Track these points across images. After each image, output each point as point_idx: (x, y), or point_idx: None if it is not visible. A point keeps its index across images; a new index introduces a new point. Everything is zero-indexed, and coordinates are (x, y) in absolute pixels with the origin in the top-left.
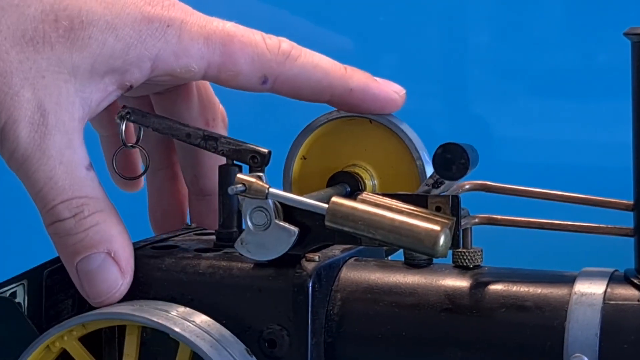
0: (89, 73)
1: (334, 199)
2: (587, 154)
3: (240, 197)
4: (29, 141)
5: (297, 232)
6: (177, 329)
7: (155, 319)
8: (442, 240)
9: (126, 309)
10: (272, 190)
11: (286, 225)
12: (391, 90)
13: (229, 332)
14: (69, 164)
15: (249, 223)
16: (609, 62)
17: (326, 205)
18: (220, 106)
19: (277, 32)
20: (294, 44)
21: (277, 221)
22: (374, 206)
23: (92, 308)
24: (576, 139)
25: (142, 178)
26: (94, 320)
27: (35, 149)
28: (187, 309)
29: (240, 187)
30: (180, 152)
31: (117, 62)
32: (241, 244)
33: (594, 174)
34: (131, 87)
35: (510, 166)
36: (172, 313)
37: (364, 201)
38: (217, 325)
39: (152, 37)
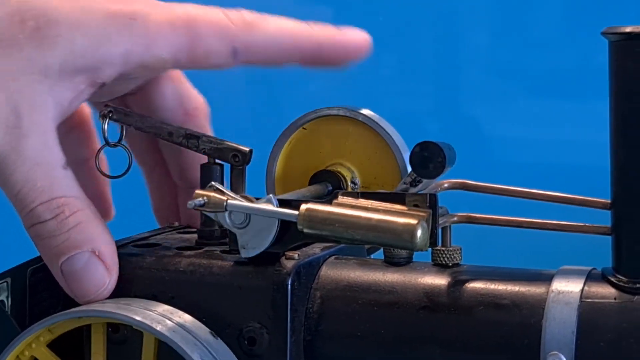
0: (60, 72)
1: (308, 205)
2: (581, 154)
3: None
4: (4, 144)
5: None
6: (139, 319)
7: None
8: (419, 232)
9: (90, 306)
10: (230, 202)
11: None
12: (358, 37)
13: (207, 329)
14: (46, 164)
15: (230, 226)
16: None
17: (295, 212)
18: (200, 97)
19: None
20: (255, 12)
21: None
22: (350, 208)
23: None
24: (571, 139)
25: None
26: (57, 322)
27: (10, 151)
28: (169, 307)
29: (199, 200)
30: (164, 148)
31: (87, 60)
32: (244, 249)
33: (586, 173)
34: (103, 84)
35: (500, 165)
36: (135, 306)
37: (339, 204)
38: (197, 323)
39: (118, 32)
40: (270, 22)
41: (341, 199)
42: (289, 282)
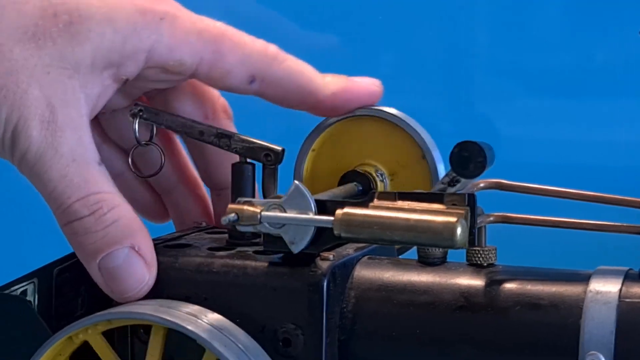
0: (90, 67)
1: (344, 210)
2: (588, 153)
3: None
4: (41, 140)
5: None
6: (203, 336)
7: (185, 325)
8: (459, 230)
9: (151, 309)
10: (264, 214)
11: None
12: (369, 84)
13: (242, 332)
14: (81, 160)
15: (270, 229)
16: (608, 61)
17: (331, 218)
18: (221, 98)
19: (273, 31)
20: (280, 49)
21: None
22: (387, 209)
23: (104, 306)
24: (577, 138)
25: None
26: (120, 318)
27: (47, 147)
28: (214, 314)
29: (232, 216)
30: (191, 150)
31: (115, 55)
32: (293, 244)
33: (595, 173)
34: (127, 80)
35: (514, 165)
36: (202, 318)
37: (375, 207)
38: (231, 324)
39: (146, 29)
40: (292, 62)
41: (377, 202)
42: (325, 283)
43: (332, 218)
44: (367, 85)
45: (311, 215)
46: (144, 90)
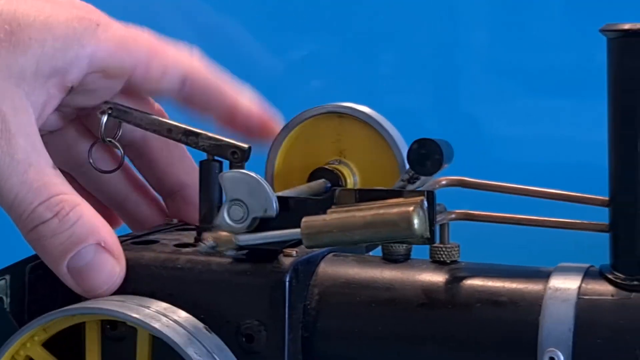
0: (34, 75)
1: (303, 220)
2: (581, 152)
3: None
4: None
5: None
6: (154, 325)
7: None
8: (416, 218)
9: (86, 303)
10: (240, 237)
11: None
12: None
13: (204, 327)
14: (38, 165)
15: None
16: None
17: (297, 230)
18: (156, 104)
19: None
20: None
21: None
22: (344, 212)
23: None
24: (570, 137)
25: None
26: (52, 320)
27: (4, 155)
28: (166, 304)
29: (210, 243)
30: (136, 162)
31: (58, 62)
32: None
33: (580, 171)
34: (72, 88)
35: (500, 164)
36: (133, 303)
37: (333, 211)
38: (193, 319)
39: (85, 34)
40: (210, 65)
41: (335, 207)
42: (287, 280)
43: (299, 230)
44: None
45: (282, 231)
46: (79, 106)
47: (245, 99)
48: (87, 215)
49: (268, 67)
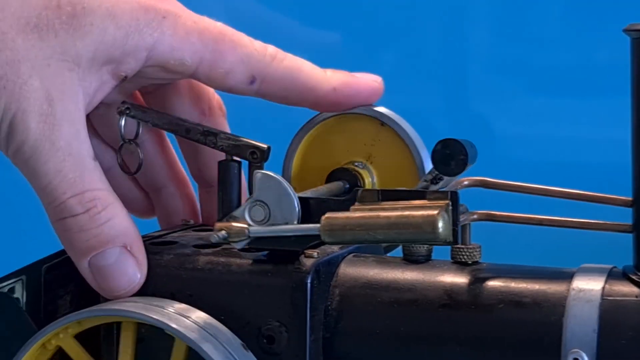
0: (90, 62)
1: (326, 215)
2: (587, 151)
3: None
4: (39, 132)
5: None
6: (173, 325)
7: (152, 315)
8: (440, 222)
9: (122, 305)
10: (253, 228)
11: None
12: (370, 81)
13: (225, 328)
14: (77, 155)
15: (249, 221)
16: (609, 59)
17: (317, 226)
18: (216, 95)
19: (274, 29)
20: (278, 48)
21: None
22: (368, 210)
23: (91, 303)
24: (576, 136)
25: None
26: (89, 317)
27: (45, 140)
28: (184, 305)
29: (222, 234)
30: (182, 146)
31: (116, 52)
32: None
33: (594, 171)
34: (125, 77)
35: (510, 163)
36: (168, 309)
37: (356, 209)
38: (213, 321)
39: (149, 26)
40: (291, 60)
41: (358, 204)
42: (309, 281)
43: (318, 225)
44: (368, 81)
45: (296, 225)
46: (140, 86)
47: (326, 85)
48: (118, 217)
49: None
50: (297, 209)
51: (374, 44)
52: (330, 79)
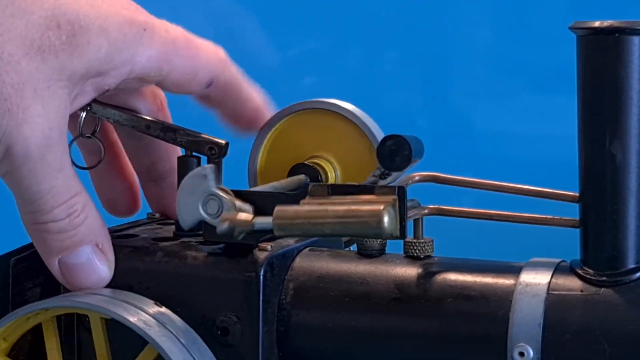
0: (81, 77)
1: (275, 208)
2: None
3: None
4: (38, 156)
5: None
6: (130, 318)
7: (111, 309)
8: (386, 217)
9: (86, 298)
10: (258, 221)
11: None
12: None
13: (180, 320)
14: (65, 169)
15: (208, 219)
16: None
17: (270, 219)
18: (161, 91)
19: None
20: (224, 52)
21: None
22: (317, 204)
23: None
24: (563, 134)
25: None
26: (55, 307)
27: (42, 164)
28: (141, 297)
29: (226, 226)
30: (130, 141)
31: (105, 66)
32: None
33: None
34: (107, 90)
35: (513, 163)
36: (128, 301)
37: (305, 203)
38: (170, 313)
39: (133, 40)
40: (234, 67)
41: (308, 199)
42: (261, 274)
43: (270, 219)
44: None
45: (253, 218)
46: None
47: (259, 101)
48: (91, 217)
49: (265, 63)
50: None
51: (369, 42)
52: (258, 97)
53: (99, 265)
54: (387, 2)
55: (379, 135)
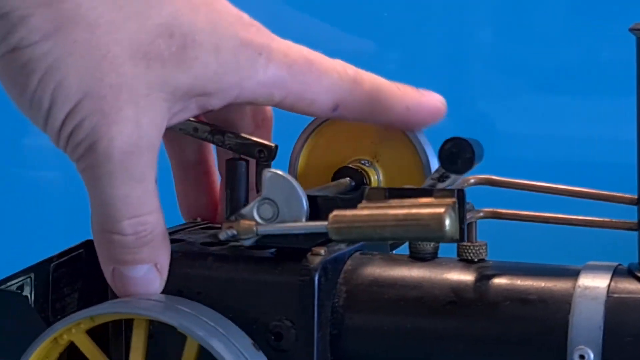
0: (185, 93)
1: (333, 213)
2: (590, 150)
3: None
4: (119, 161)
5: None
6: (184, 323)
7: (164, 313)
8: (447, 220)
9: (136, 303)
10: (261, 226)
11: None
12: (437, 101)
13: (235, 326)
14: (146, 182)
15: (257, 218)
16: (612, 58)
17: (325, 223)
18: (269, 107)
19: (284, 28)
20: (354, 67)
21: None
22: (375, 208)
23: (100, 301)
24: (580, 135)
25: None
26: (102, 313)
27: (122, 169)
28: (194, 302)
29: (230, 232)
30: (223, 151)
31: (211, 86)
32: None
33: (597, 170)
34: (211, 111)
35: (514, 162)
36: (179, 307)
37: (363, 207)
38: (223, 318)
39: (246, 64)
40: (369, 82)
41: (365, 202)
42: (316, 278)
43: (325, 223)
44: (435, 102)
45: (304, 223)
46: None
47: (409, 98)
48: (158, 238)
49: None
50: (305, 208)
51: (379, 43)
52: (404, 96)
53: (152, 283)
54: (387, 2)
55: (421, 137)
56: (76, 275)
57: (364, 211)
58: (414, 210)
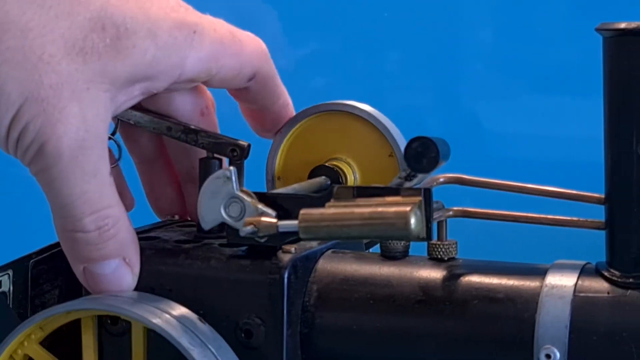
0: (126, 81)
1: (301, 212)
2: (590, 150)
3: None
4: (70, 159)
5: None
6: (154, 320)
7: (134, 310)
8: (413, 219)
9: (112, 300)
10: (281, 224)
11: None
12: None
13: (203, 323)
14: (101, 176)
15: (230, 222)
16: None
17: (295, 222)
18: (209, 93)
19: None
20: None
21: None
22: (342, 207)
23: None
24: (580, 135)
25: None
26: (47, 318)
27: (75, 166)
28: (164, 299)
29: (250, 228)
30: (172, 144)
31: (152, 70)
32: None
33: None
34: (155, 94)
35: (504, 162)
36: (149, 304)
37: (331, 205)
38: (192, 315)
39: (184, 43)
40: (270, 60)
41: (333, 202)
42: (285, 276)
43: (295, 222)
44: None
45: (277, 221)
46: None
47: (288, 97)
48: (123, 231)
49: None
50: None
51: (373, 43)
52: (284, 93)
53: (123, 277)
54: (387, 2)
55: (398, 136)
56: (56, 272)
57: (330, 210)
58: (379, 209)
